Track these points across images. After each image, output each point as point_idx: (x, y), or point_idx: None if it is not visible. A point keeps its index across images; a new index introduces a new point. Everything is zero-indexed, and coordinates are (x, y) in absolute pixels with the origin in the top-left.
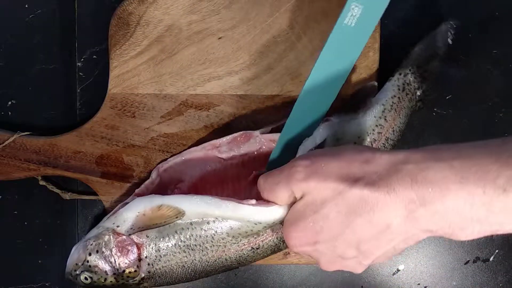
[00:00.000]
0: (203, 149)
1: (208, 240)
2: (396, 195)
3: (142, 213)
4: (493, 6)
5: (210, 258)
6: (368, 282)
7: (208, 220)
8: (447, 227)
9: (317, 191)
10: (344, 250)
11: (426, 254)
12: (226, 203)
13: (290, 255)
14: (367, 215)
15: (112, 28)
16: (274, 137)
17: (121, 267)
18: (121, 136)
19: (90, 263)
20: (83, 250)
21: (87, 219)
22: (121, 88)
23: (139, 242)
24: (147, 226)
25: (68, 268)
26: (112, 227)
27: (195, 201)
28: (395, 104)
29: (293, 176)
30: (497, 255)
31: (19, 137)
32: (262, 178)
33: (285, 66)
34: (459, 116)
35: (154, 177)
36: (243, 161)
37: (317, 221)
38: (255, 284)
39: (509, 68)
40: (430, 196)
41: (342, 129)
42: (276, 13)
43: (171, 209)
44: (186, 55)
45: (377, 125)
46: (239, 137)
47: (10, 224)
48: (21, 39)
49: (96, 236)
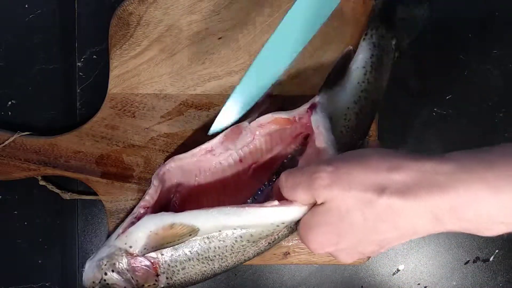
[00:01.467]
0: (194, 156)
1: (228, 249)
2: (425, 205)
3: (154, 232)
4: (493, 6)
5: (229, 263)
6: (368, 282)
7: (226, 232)
8: (474, 229)
9: (341, 199)
10: (366, 247)
11: (426, 254)
12: (246, 210)
13: (290, 255)
14: (394, 221)
15: (112, 28)
16: (262, 122)
17: (139, 283)
18: (121, 136)
19: (108, 281)
20: (97, 270)
21: (87, 219)
22: (121, 88)
23: (155, 260)
24: (161, 246)
25: (86, 284)
26: (124, 248)
27: (211, 215)
28: (374, 63)
29: (315, 181)
30: (497, 255)
31: (19, 137)
32: (284, 176)
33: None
34: (459, 116)
35: (156, 184)
36: (239, 156)
37: (341, 227)
38: (255, 284)
39: (509, 68)
40: (461, 206)
41: (331, 107)
42: (276, 13)
43: (184, 227)
44: (186, 55)
45: (362, 91)
46: (230, 133)
47: (10, 224)
48: (21, 39)
49: (109, 256)
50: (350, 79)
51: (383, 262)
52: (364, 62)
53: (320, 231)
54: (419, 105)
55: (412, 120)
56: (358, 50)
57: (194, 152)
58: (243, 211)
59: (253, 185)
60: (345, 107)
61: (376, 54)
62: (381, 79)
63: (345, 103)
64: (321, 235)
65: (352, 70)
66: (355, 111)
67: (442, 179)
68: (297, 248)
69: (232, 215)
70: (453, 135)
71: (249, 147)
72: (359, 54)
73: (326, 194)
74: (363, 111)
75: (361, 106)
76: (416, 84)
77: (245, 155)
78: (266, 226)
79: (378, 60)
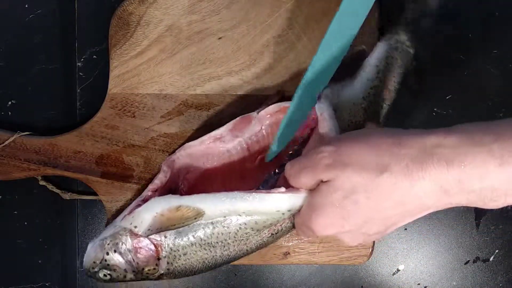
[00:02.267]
0: (203, 144)
1: (231, 237)
2: (430, 179)
3: (160, 213)
4: (493, 6)
5: (231, 252)
6: (368, 282)
7: (231, 218)
8: (479, 201)
9: (345, 176)
10: (371, 228)
11: (426, 254)
12: (253, 195)
13: (290, 255)
14: (400, 198)
15: (112, 28)
16: (270, 111)
17: (140, 266)
18: (121, 136)
19: (108, 262)
20: (100, 249)
21: (87, 219)
22: (121, 88)
23: (157, 242)
24: (166, 228)
25: (86, 265)
26: (129, 228)
27: (218, 198)
28: (389, 64)
29: (319, 162)
30: (497, 255)
31: (19, 137)
32: (289, 164)
33: (285, 66)
34: (459, 116)
35: (166, 169)
36: (247, 145)
37: (345, 206)
38: (255, 284)
39: (509, 68)
40: (468, 178)
41: (336, 100)
42: (276, 13)
43: (190, 210)
44: (186, 55)
45: (371, 87)
46: (239, 122)
47: (10, 224)
48: (21, 39)
49: (113, 235)
50: (360, 76)
51: (383, 262)
52: (378, 61)
53: (324, 212)
54: (419, 105)
55: (412, 120)
56: (374, 49)
57: (203, 139)
58: (249, 196)
59: (259, 175)
60: (350, 102)
61: (392, 56)
62: (393, 80)
63: (351, 98)
64: (325, 216)
65: (364, 67)
66: (363, 107)
67: (448, 152)
68: (297, 248)
69: (238, 200)
70: None
71: (257, 136)
72: (373, 53)
73: (329, 173)
74: (372, 108)
75: (370, 102)
76: (416, 84)
77: (253, 144)
78: (272, 213)
79: (393, 61)
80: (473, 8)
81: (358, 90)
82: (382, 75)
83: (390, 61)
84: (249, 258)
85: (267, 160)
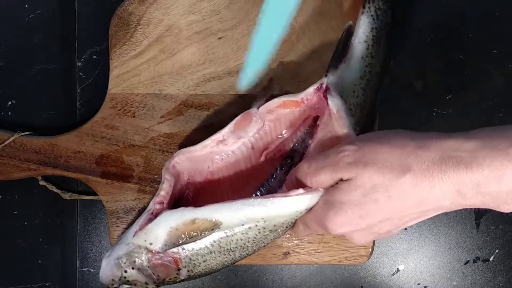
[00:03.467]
0: (205, 148)
1: (250, 241)
2: (449, 181)
3: (175, 228)
4: (493, 6)
5: (249, 251)
6: (368, 282)
7: (249, 225)
8: (493, 204)
9: (367, 175)
10: (383, 227)
11: (426, 254)
12: (271, 200)
13: (290, 255)
14: (420, 199)
15: (112, 28)
16: (271, 107)
17: (160, 278)
18: (121, 136)
19: (128, 278)
20: (116, 268)
21: (87, 219)
22: (121, 88)
23: (176, 256)
24: (183, 242)
25: (104, 281)
26: (144, 245)
27: (235, 207)
28: (375, 36)
29: (340, 160)
30: (497, 255)
31: (19, 137)
32: (306, 163)
33: (285, 66)
34: (459, 116)
35: (169, 178)
36: (251, 143)
37: (364, 205)
38: (255, 284)
39: (509, 68)
40: (486, 182)
41: (340, 86)
42: None
43: (206, 222)
44: (186, 55)
45: (367, 65)
46: (240, 121)
47: (10, 224)
48: (21, 39)
49: (128, 254)
50: (354, 55)
51: (383, 262)
52: (365, 36)
53: (342, 210)
54: (419, 105)
55: (412, 120)
56: (357, 25)
57: (205, 143)
58: (268, 201)
59: (265, 170)
60: (352, 84)
61: (375, 27)
62: (382, 51)
63: (352, 80)
64: (342, 214)
65: (354, 46)
66: (361, 87)
67: (467, 156)
68: (297, 248)
69: (257, 206)
70: None
71: (260, 133)
72: (359, 28)
73: (350, 171)
74: (369, 86)
75: (367, 81)
76: (416, 84)
77: (257, 141)
78: (290, 215)
79: (378, 33)
80: (473, 8)
81: (355, 69)
82: (373, 50)
83: (375, 33)
84: (249, 258)
85: (242, 88)
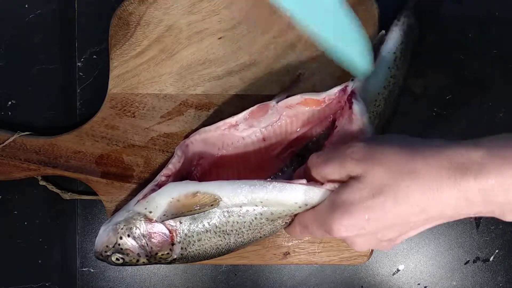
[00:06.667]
0: (218, 129)
1: (245, 226)
2: (458, 189)
3: (176, 199)
4: (493, 6)
5: (245, 239)
6: (368, 282)
7: (247, 208)
8: (499, 213)
9: (375, 173)
10: (387, 234)
11: (426, 254)
12: (273, 184)
13: (290, 255)
14: (425, 205)
15: (112, 28)
16: (291, 102)
17: (153, 251)
18: (121, 136)
19: (122, 246)
20: (113, 233)
21: (87, 219)
22: (121, 88)
23: (172, 228)
24: (181, 214)
25: (98, 248)
26: (144, 213)
27: (237, 185)
28: (404, 50)
29: (348, 155)
30: (497, 255)
31: (19, 137)
32: (315, 155)
33: (285, 66)
34: (459, 116)
35: (180, 154)
36: (263, 135)
37: (371, 207)
38: (255, 284)
39: (509, 68)
40: (493, 191)
41: (363, 93)
42: (276, 13)
43: (207, 197)
44: (186, 55)
45: (391, 76)
46: (256, 111)
47: (10, 224)
48: (21, 39)
49: (126, 220)
50: (381, 64)
51: (383, 262)
52: (395, 47)
53: (349, 210)
54: (419, 105)
55: (412, 120)
56: (388, 35)
57: (218, 125)
58: (270, 184)
59: (275, 165)
60: (375, 93)
61: (405, 41)
62: (406, 65)
63: (375, 89)
64: (349, 215)
65: (383, 55)
66: (384, 96)
67: (476, 165)
68: (297, 248)
69: (258, 187)
70: (453, 135)
71: (274, 126)
72: (389, 40)
73: (358, 167)
74: (390, 97)
75: (390, 92)
76: (416, 84)
77: (269, 134)
78: (289, 205)
79: (406, 46)
80: (473, 8)
81: (381, 79)
82: (399, 62)
83: (404, 46)
84: (249, 258)
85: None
